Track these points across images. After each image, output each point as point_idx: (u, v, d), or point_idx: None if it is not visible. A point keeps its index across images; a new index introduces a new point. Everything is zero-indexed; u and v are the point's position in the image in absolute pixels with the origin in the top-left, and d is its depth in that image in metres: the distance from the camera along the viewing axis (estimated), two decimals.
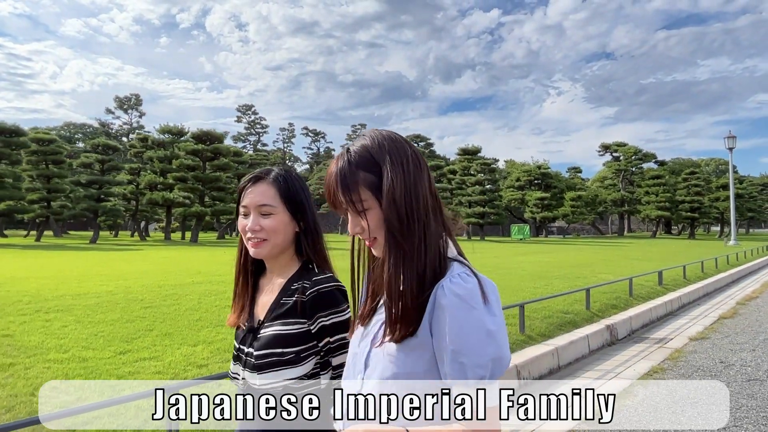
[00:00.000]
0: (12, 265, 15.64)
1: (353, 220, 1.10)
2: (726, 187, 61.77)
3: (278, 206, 1.46)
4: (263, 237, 1.45)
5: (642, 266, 16.58)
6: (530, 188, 61.68)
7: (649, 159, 68.80)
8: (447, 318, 0.99)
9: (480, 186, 48.98)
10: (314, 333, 1.42)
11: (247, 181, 1.51)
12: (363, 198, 1.07)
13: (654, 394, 5.41)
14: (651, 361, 6.97)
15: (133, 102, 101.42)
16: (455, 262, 1.08)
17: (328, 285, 1.45)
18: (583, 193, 61.86)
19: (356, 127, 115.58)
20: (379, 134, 1.13)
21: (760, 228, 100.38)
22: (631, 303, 10.47)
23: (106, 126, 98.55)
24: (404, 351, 1.04)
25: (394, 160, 1.08)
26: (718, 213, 64.23)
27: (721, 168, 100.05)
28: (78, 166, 36.47)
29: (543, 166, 64.24)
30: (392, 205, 1.05)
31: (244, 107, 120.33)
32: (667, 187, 62.84)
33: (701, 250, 28.04)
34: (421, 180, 1.10)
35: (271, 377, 1.37)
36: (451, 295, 1.00)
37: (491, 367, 0.98)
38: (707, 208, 61.74)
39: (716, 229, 78.79)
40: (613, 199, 66.28)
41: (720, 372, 6.25)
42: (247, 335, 1.48)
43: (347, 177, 1.08)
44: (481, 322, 0.99)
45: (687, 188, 62.31)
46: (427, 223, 1.08)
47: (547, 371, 6.53)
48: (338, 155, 1.13)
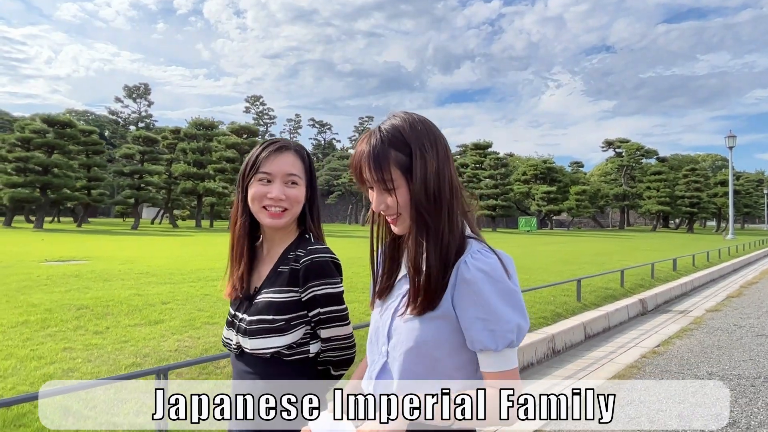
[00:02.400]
0: (114, 248, 17.46)
1: (378, 197, 1.14)
2: (723, 183, 63.79)
3: (302, 177, 1.50)
4: (286, 206, 1.46)
5: (654, 255, 18.45)
6: (535, 182, 63.56)
7: (651, 155, 70.60)
8: (473, 291, 1.06)
9: (492, 180, 50.81)
10: (305, 302, 1.43)
11: (266, 149, 1.49)
12: (393, 177, 1.11)
13: (685, 345, 7.32)
14: (680, 324, 8.87)
15: (141, 91, 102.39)
16: (473, 240, 1.14)
17: (323, 255, 1.45)
18: (587, 187, 63.71)
19: (363, 119, 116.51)
20: (411, 117, 1.16)
21: (755, 223, 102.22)
22: (653, 284, 12.36)
23: (115, 114, 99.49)
24: (426, 322, 1.10)
25: (427, 143, 1.12)
26: (716, 208, 66.14)
27: (718, 164, 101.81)
28: (120, 156, 38.32)
29: (548, 161, 66.13)
30: (423, 186, 1.10)
31: (252, 98, 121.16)
32: (667, 182, 64.68)
33: (703, 243, 29.93)
34: (448, 163, 1.15)
35: (261, 343, 1.40)
36: (475, 270, 1.06)
37: (516, 332, 1.06)
38: (706, 204, 63.61)
39: (712, 224, 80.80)
40: (615, 193, 68.18)
41: (734, 331, 8.15)
42: (243, 302, 1.50)
43: (379, 155, 1.11)
44: (506, 293, 1.06)
45: (687, 184, 64.13)
46: (452, 204, 1.13)
47: (602, 329, 8.42)
48: (369, 133, 1.16)
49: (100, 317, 5.96)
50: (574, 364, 6.43)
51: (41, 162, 30.04)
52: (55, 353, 4.64)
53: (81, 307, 6.34)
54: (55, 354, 4.62)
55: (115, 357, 4.62)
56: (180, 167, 38.03)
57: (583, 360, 6.66)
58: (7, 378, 4.03)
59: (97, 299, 6.87)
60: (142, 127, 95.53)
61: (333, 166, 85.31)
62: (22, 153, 29.91)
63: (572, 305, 8.84)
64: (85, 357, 4.58)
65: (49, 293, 7.33)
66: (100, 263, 11.62)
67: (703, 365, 6.14)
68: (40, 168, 30.41)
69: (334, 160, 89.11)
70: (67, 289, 7.68)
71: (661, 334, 8.11)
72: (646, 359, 6.49)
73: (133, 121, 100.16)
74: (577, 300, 9.07)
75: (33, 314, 5.94)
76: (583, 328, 7.86)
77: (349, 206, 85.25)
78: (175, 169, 38.59)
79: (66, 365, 4.36)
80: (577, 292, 9.17)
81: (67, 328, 5.45)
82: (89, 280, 8.67)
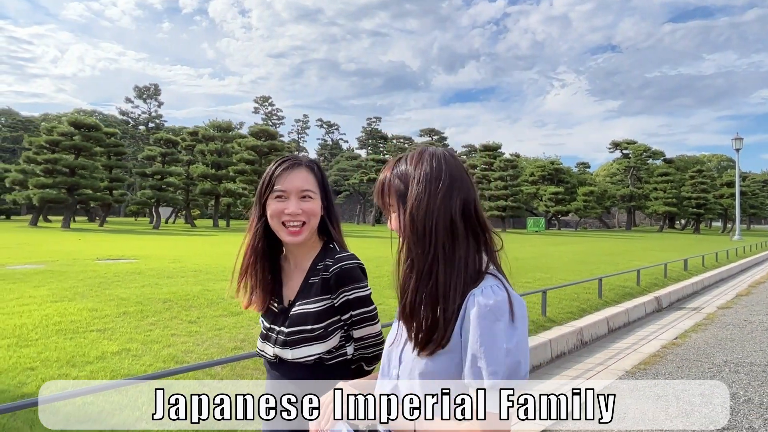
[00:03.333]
0: (154, 248, 18.29)
1: (389, 216, 1.22)
2: (730, 185, 64.20)
3: (317, 192, 1.56)
4: (303, 220, 1.52)
5: (665, 256, 19.11)
6: (543, 183, 64.12)
7: (659, 156, 71.02)
8: (473, 325, 1.04)
9: (502, 181, 51.49)
10: (338, 307, 1.52)
11: (280, 167, 1.56)
12: (390, 202, 1.19)
13: (701, 338, 8.03)
14: (694, 320, 9.58)
15: (152, 91, 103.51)
16: (489, 275, 1.12)
17: (350, 262, 1.54)
18: (595, 188, 64.24)
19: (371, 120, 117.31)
20: (428, 151, 1.19)
21: (760, 224, 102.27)
22: (666, 283, 13.06)
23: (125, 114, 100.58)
24: (432, 356, 1.09)
25: (424, 178, 1.13)
26: (722, 209, 66.49)
27: (723, 164, 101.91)
28: (143, 158, 39.31)
29: (555, 162, 66.75)
30: (410, 219, 1.13)
31: (261, 99, 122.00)
32: (674, 183, 65.08)
33: (710, 244, 30.52)
34: (448, 202, 1.12)
35: (303, 352, 1.48)
36: (478, 306, 1.05)
37: (507, 372, 1.02)
38: (712, 205, 63.98)
39: (717, 225, 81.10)
40: (622, 194, 68.63)
41: (745, 326, 8.85)
42: (278, 316, 1.56)
43: (386, 180, 1.20)
44: (503, 334, 1.02)
45: (693, 185, 64.51)
46: (448, 243, 1.11)
47: (623, 324, 9.14)
48: (394, 160, 1.23)
49: (186, 309, 6.74)
50: (603, 354, 7.17)
51: (69, 164, 31.04)
52: (166, 338, 5.42)
53: (165, 301, 7.13)
54: (167, 339, 5.40)
55: (218, 341, 5.40)
56: (199, 168, 38.96)
57: (610, 350, 7.39)
58: (141, 357, 4.81)
59: (174, 294, 7.65)
60: (152, 127, 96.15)
61: (342, 166, 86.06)
62: (51, 155, 30.87)
63: (594, 302, 9.57)
64: (193, 341, 5.36)
65: (127, 288, 8.13)
66: (151, 262, 12.42)
67: (719, 354, 6.87)
68: (67, 169, 31.39)
69: (343, 161, 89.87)
70: (141, 285, 8.47)
71: (678, 328, 8.83)
72: (666, 349, 7.23)
73: (143, 121, 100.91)
74: (598, 297, 9.80)
75: (128, 306, 6.73)
76: (606, 323, 8.59)
77: (357, 206, 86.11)
78: (194, 170, 39.51)
79: (182, 347, 5.14)
80: (599, 289, 9.90)
81: (164, 318, 6.24)
82: (154, 278, 9.46)
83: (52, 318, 6.01)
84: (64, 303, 6.88)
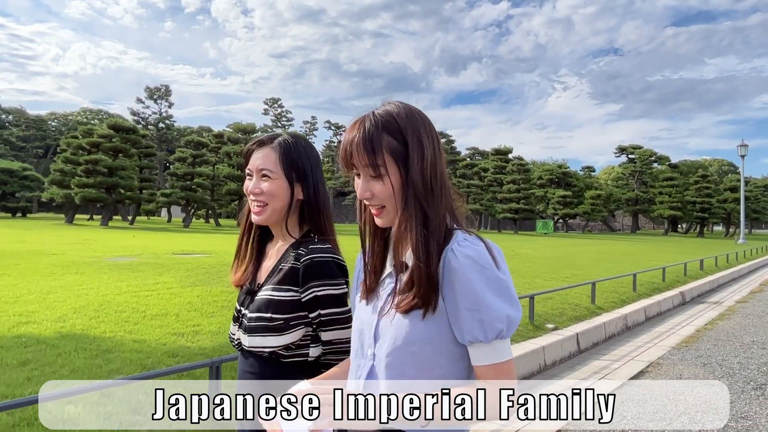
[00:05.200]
0: (212, 244, 19.56)
1: (364, 184, 1.09)
2: (733, 190, 65.44)
3: (277, 171, 1.45)
4: (263, 200, 1.45)
5: (679, 257, 20.34)
6: (550, 186, 65.40)
7: (664, 161, 72.22)
8: (461, 279, 1.00)
9: (515, 184, 52.77)
10: (304, 302, 1.40)
11: (252, 145, 1.51)
12: (385, 162, 1.06)
13: (727, 324, 9.29)
14: (717, 311, 10.84)
15: (163, 92, 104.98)
16: (458, 231, 1.09)
17: (324, 255, 1.41)
18: (602, 191, 65.48)
19: None
20: (407, 106, 1.12)
21: (761, 228, 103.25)
22: (686, 280, 14.31)
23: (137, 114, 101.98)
24: (413, 319, 1.04)
25: (424, 132, 1.09)
26: (725, 214, 67.65)
27: (725, 168, 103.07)
28: (175, 160, 40.73)
29: (563, 166, 68.11)
30: (420, 174, 1.06)
31: (270, 100, 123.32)
32: (679, 188, 66.29)
33: (717, 247, 31.73)
34: (441, 156, 1.12)
35: (258, 341, 1.39)
36: (462, 257, 1.01)
37: (507, 323, 1.00)
38: (716, 209, 65.15)
39: (718, 229, 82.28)
40: (628, 198, 69.87)
41: (763, 316, 10.10)
42: (246, 297, 1.50)
43: (373, 139, 1.06)
44: (494, 281, 1.01)
45: (698, 190, 65.66)
46: (446, 193, 1.10)
47: (656, 314, 10.41)
48: (361, 118, 1.10)
49: None
50: (646, 336, 8.44)
51: (108, 164, 32.45)
52: None
53: None
54: None
55: None
56: (225, 169, 40.33)
57: (650, 334, 8.65)
58: None
59: None
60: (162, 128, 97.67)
61: None
62: (91, 156, 32.29)
63: (629, 294, 10.84)
64: None
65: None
66: (224, 257, 13.73)
67: (746, 336, 8.14)
68: (106, 170, 32.80)
69: None
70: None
71: (705, 317, 10.10)
72: (699, 333, 8.50)
73: (154, 121, 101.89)
74: (633, 290, 11.08)
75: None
76: (644, 311, 9.86)
77: None
78: (219, 171, 40.88)
79: None
80: (633, 284, 11.18)
81: None
82: None
83: (206, 298, 7.31)
84: (198, 287, 8.18)
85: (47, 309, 6.36)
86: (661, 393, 5.38)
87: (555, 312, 8.18)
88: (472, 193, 53.71)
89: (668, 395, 5.29)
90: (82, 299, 6.99)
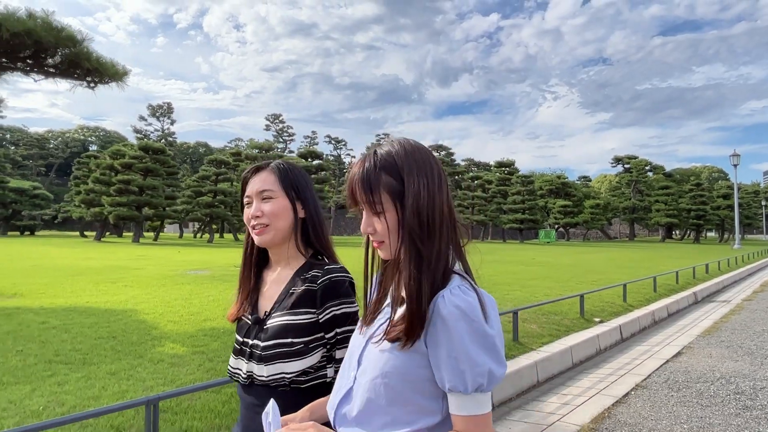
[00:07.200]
0: None
1: (367, 219, 1.12)
2: (725, 197, 67.41)
3: (278, 191, 1.47)
4: (265, 222, 1.44)
5: (683, 262, 21.88)
6: (550, 196, 67.17)
7: (659, 171, 74.16)
8: (447, 328, 1.01)
9: (520, 195, 54.46)
10: (322, 323, 1.39)
11: (248, 172, 1.53)
12: (382, 200, 1.09)
13: (740, 318, 10.78)
14: (728, 308, 12.33)
15: (165, 110, 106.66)
16: (456, 275, 1.09)
17: (340, 275, 1.43)
18: (601, 201, 67.28)
19: (380, 137, 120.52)
20: (407, 142, 1.14)
21: (753, 234, 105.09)
22: (695, 282, 15.83)
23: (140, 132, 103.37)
24: (396, 352, 1.06)
25: (419, 169, 1.10)
26: (719, 220, 69.48)
27: (714, 175, 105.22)
28: (198, 178, 42.19)
29: (562, 176, 69.98)
30: (415, 212, 1.07)
31: (272, 116, 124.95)
32: (674, 196, 68.14)
33: (715, 253, 33.29)
34: (441, 191, 1.12)
35: (279, 368, 1.36)
36: (451, 307, 1.01)
37: (488, 377, 1.00)
38: (710, 216, 66.96)
39: (712, 235, 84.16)
40: (625, 206, 71.70)
41: None
42: (252, 327, 1.45)
43: (371, 177, 1.09)
44: (480, 335, 1.01)
45: (693, 197, 67.50)
46: (443, 233, 1.09)
47: (676, 311, 11.89)
48: (365, 156, 1.14)
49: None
50: (673, 328, 9.91)
51: (139, 184, 33.91)
52: None
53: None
54: None
55: None
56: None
57: (676, 326, 10.13)
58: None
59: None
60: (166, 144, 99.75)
61: None
62: (124, 176, 33.75)
63: (651, 294, 12.33)
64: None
65: None
66: None
67: (756, 326, 9.62)
68: (137, 189, 34.24)
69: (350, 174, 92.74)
70: None
71: (719, 313, 11.59)
72: (717, 324, 9.98)
73: (157, 139, 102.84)
74: (653, 291, 12.58)
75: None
76: (666, 309, 11.35)
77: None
78: (238, 188, 42.05)
79: None
80: (654, 285, 12.68)
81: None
82: None
83: None
84: None
85: (205, 310, 7.75)
86: (699, 365, 6.85)
87: (596, 309, 9.65)
88: (476, 204, 55.34)
89: (705, 367, 6.76)
90: (216, 304, 8.40)
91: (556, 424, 4.85)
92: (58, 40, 7.44)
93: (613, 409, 5.19)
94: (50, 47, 7.58)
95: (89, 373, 4.54)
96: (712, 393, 5.64)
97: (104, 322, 6.55)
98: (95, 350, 5.27)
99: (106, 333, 5.99)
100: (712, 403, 5.29)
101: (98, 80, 8.81)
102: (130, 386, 4.25)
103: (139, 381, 4.39)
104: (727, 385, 5.93)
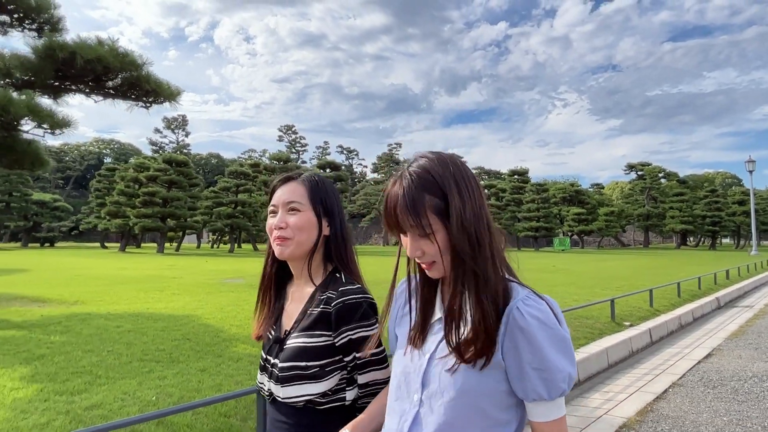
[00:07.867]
0: None
1: (414, 243, 1.08)
2: (741, 203, 67.02)
3: (305, 204, 1.43)
4: (288, 235, 1.40)
5: (702, 269, 22.02)
6: (564, 204, 67.21)
7: (673, 177, 73.98)
8: (528, 339, 1.01)
9: (535, 203, 54.71)
10: (338, 347, 1.34)
11: (278, 181, 1.49)
12: (430, 222, 1.05)
13: (764, 322, 11.05)
14: (751, 312, 12.59)
15: (179, 122, 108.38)
16: (515, 284, 1.08)
17: (355, 297, 1.36)
18: (615, 208, 67.21)
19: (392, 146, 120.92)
20: (440, 156, 1.11)
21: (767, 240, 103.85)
22: (717, 288, 16.06)
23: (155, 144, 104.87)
24: (471, 371, 1.04)
25: (461, 185, 1.07)
26: (735, 226, 69.04)
27: (728, 181, 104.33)
28: (220, 190, 43.06)
29: (575, 184, 70.08)
30: (462, 229, 1.04)
31: (285, 127, 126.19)
32: (688, 203, 67.88)
33: (732, 259, 33.22)
34: (483, 203, 1.10)
35: (294, 391, 1.33)
36: (529, 318, 1.02)
37: (568, 381, 1.03)
38: (726, 222, 66.57)
39: (727, 241, 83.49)
40: (639, 213, 71.51)
41: None
42: (273, 345, 1.43)
43: (415, 200, 1.05)
44: (560, 341, 1.03)
45: (708, 204, 67.19)
46: (494, 245, 1.08)
47: (700, 315, 12.17)
48: (399, 175, 1.10)
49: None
50: (700, 332, 10.22)
51: (164, 196, 34.78)
52: None
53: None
54: None
55: None
56: (262, 197, 42.50)
57: (702, 330, 10.43)
58: None
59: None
60: None
61: (368, 191, 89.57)
62: (149, 188, 34.65)
63: (675, 300, 12.63)
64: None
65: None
66: None
67: None
68: (161, 200, 35.12)
69: (369, 186, 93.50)
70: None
71: (743, 317, 11.86)
72: (743, 328, 10.27)
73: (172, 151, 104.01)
74: (677, 296, 12.87)
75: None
76: (692, 313, 11.65)
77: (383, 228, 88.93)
78: (257, 198, 43.06)
79: None
80: (678, 290, 12.99)
81: None
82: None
83: None
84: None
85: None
86: (730, 366, 7.19)
87: (625, 313, 10.00)
88: (491, 213, 55.31)
89: (737, 367, 7.10)
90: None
91: (603, 417, 5.25)
92: (123, 65, 8.01)
93: (654, 404, 5.57)
94: (115, 71, 8.16)
95: (181, 370, 5.02)
96: (747, 390, 5.99)
97: (173, 326, 7.05)
98: (177, 350, 5.76)
99: (179, 335, 6.48)
100: (748, 399, 5.65)
101: (153, 100, 9.40)
102: (222, 380, 4.72)
103: (228, 376, 4.86)
104: (760, 383, 6.27)
